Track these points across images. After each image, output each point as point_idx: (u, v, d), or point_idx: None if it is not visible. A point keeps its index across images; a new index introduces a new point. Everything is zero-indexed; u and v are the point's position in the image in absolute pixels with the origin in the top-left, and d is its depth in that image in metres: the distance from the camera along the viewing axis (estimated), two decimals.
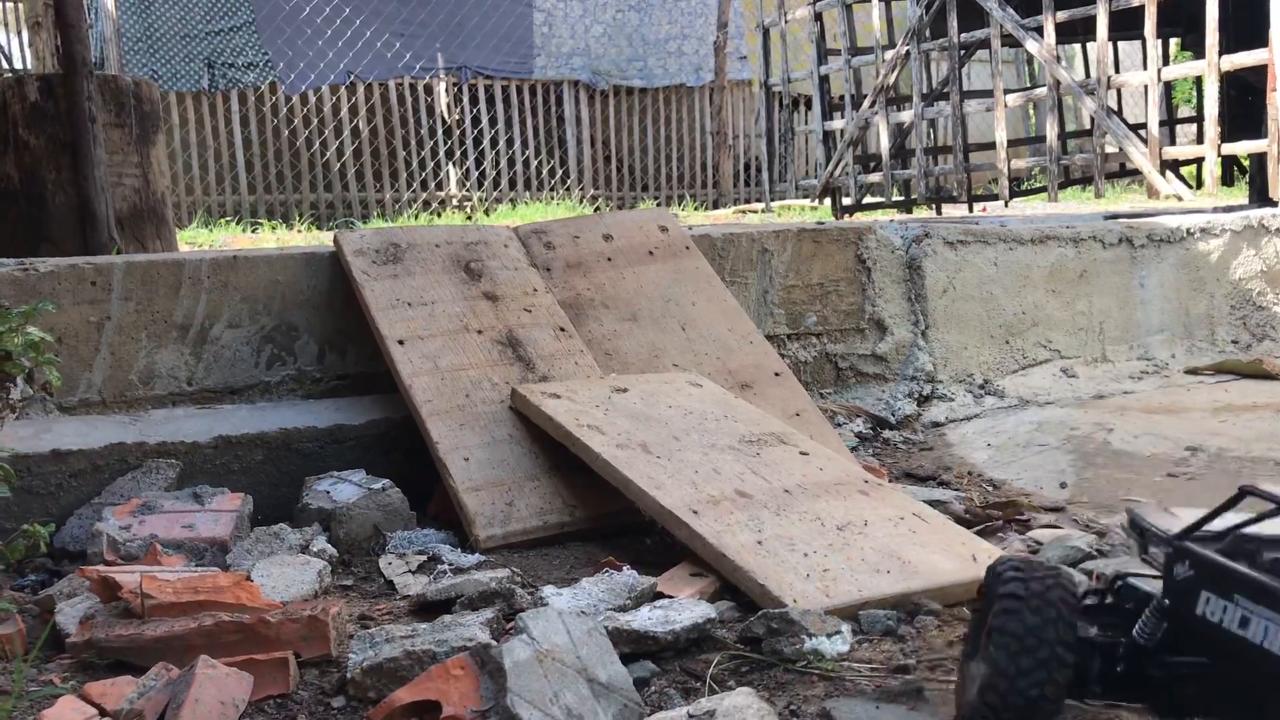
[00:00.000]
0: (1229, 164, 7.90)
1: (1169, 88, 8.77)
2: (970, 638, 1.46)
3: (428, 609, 2.04)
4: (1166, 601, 1.34)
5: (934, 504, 2.53)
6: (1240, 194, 7.52)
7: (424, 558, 2.35)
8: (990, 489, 2.89)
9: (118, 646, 1.80)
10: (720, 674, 1.72)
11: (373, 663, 1.65)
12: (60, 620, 1.94)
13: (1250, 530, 1.32)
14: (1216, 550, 1.30)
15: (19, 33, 12.81)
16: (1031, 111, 12.68)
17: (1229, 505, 1.33)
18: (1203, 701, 1.34)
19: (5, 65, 13.03)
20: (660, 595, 2.00)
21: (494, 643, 1.66)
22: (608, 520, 2.51)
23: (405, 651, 1.65)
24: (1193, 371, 3.89)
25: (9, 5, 13.21)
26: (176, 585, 1.91)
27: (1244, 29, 6.35)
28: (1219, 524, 1.33)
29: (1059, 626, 1.32)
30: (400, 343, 2.80)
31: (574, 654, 1.53)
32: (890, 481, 2.91)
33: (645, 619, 1.79)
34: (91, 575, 1.96)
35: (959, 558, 2.11)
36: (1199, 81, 5.67)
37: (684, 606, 1.84)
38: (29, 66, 12.33)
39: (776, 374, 3.10)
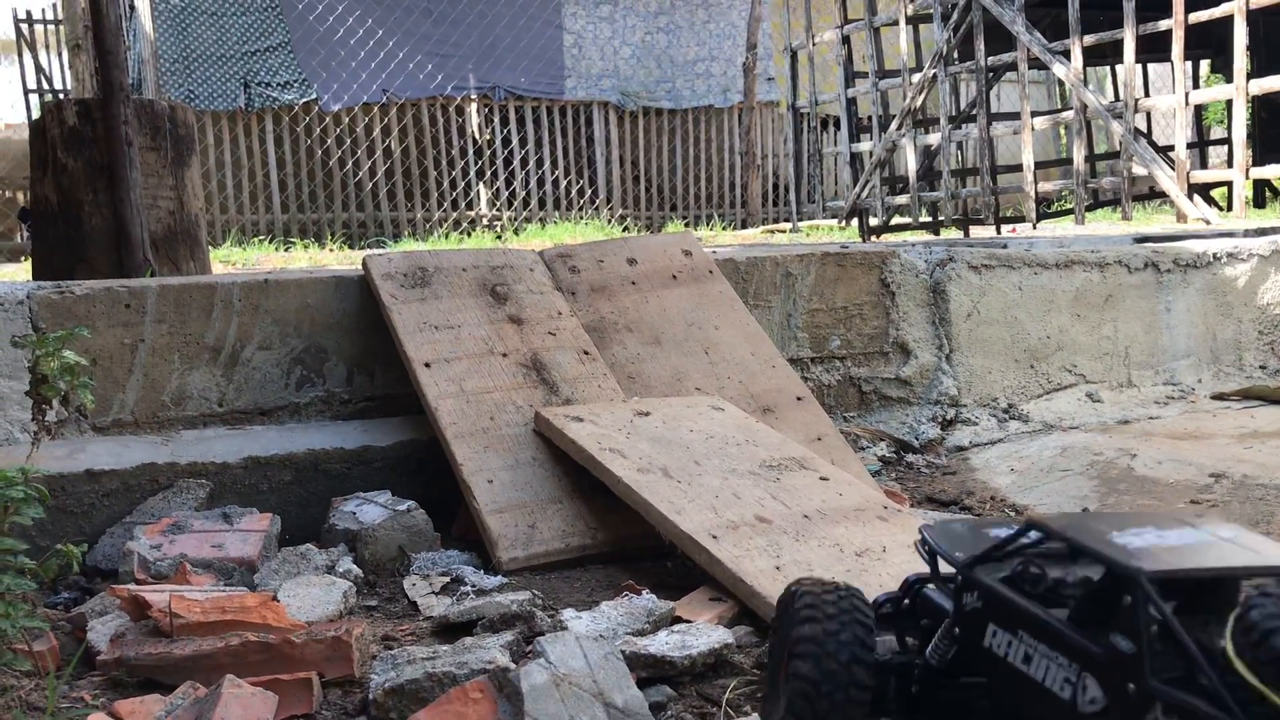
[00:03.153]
0: (1261, 186, 7.86)
1: (1200, 110, 8.74)
2: (771, 655, 1.43)
3: (450, 630, 2.07)
4: (956, 630, 1.31)
5: None
6: (1273, 215, 7.47)
7: (447, 579, 2.38)
8: (1012, 514, 2.89)
9: (147, 665, 1.84)
10: (736, 699, 1.74)
11: (394, 684, 1.68)
12: (92, 638, 1.98)
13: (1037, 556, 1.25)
14: (1003, 580, 1.24)
15: (59, 54, 13.06)
16: (1062, 132, 12.64)
17: (1017, 537, 1.27)
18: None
19: (46, 86, 13.27)
20: (679, 619, 2.02)
21: (513, 666, 1.68)
22: (629, 543, 2.53)
23: (426, 673, 1.68)
24: (1219, 397, 3.87)
25: (50, 27, 13.46)
26: (205, 605, 1.95)
27: (1275, 51, 6.33)
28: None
29: (854, 649, 1.30)
30: (426, 365, 2.84)
31: (591, 678, 1.56)
32: (912, 506, 2.92)
33: (662, 643, 1.81)
34: (122, 594, 2.01)
35: None
36: (1230, 103, 5.65)
37: (701, 631, 1.86)
38: (69, 87, 12.56)
39: (799, 398, 3.11)
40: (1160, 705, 1.02)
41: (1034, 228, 6.96)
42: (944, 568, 1.37)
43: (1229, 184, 5.75)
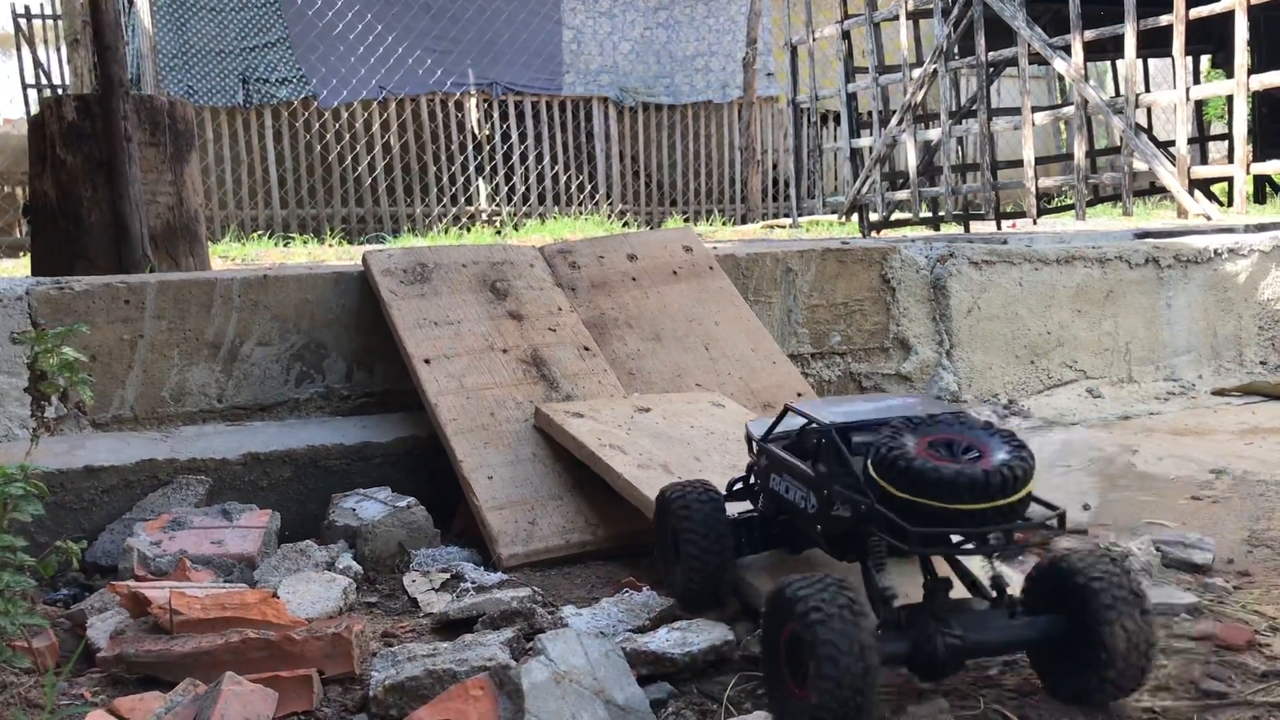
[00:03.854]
0: (1261, 182, 7.85)
1: (1200, 105, 8.72)
2: (660, 543, 2.14)
3: (450, 627, 2.07)
4: (758, 482, 2.05)
5: None
6: (1274, 211, 7.47)
7: (447, 575, 2.38)
8: None
9: (147, 661, 1.84)
10: (737, 696, 1.73)
11: (395, 681, 1.67)
12: (91, 635, 1.98)
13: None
14: (782, 447, 1.95)
15: (58, 49, 13.04)
16: (1062, 127, 12.63)
17: (780, 419, 2.00)
18: (801, 542, 2.06)
19: (45, 81, 13.25)
20: (679, 616, 2.02)
21: (513, 663, 1.68)
22: (630, 540, 2.52)
23: (426, 670, 1.67)
24: (1220, 393, 3.87)
25: (49, 22, 13.44)
26: (204, 601, 1.95)
27: (1275, 47, 6.32)
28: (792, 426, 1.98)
29: (714, 523, 2.02)
30: (426, 361, 2.83)
31: (591, 676, 1.55)
32: None
33: (662, 640, 1.81)
34: (122, 590, 2.00)
35: None
36: (1231, 99, 5.65)
37: (701, 628, 1.86)
38: (67, 82, 12.54)
39: (799, 394, 3.11)
40: (838, 500, 1.73)
41: (1034, 223, 6.96)
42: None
43: (1230, 179, 5.74)
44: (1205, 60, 8.94)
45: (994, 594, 1.74)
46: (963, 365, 3.71)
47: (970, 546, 1.63)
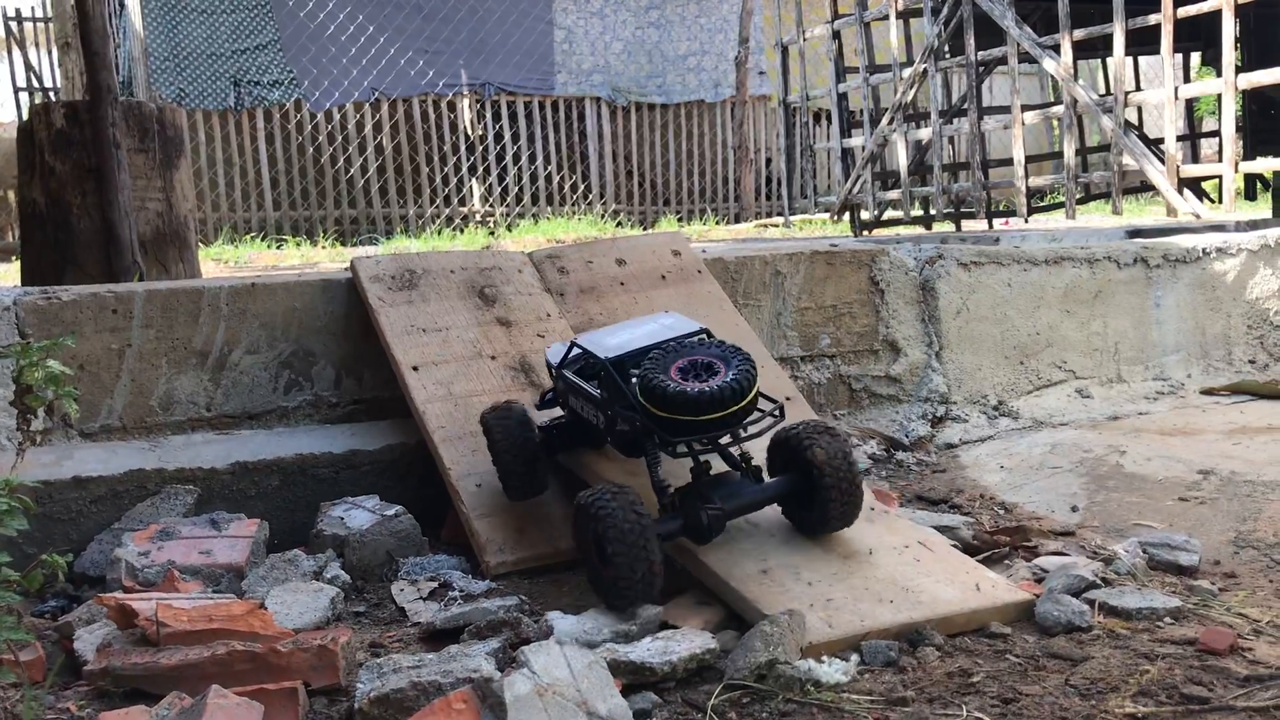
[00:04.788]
0: (1252, 179, 7.86)
1: (1191, 102, 8.73)
2: (493, 459, 2.51)
3: (437, 636, 2.07)
4: (561, 399, 2.48)
5: (943, 529, 2.55)
6: (1264, 207, 7.48)
7: (435, 584, 2.38)
8: (1002, 512, 2.90)
9: (133, 675, 1.84)
10: (721, 705, 1.74)
11: (380, 693, 1.68)
12: (78, 647, 1.98)
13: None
14: (574, 371, 2.38)
15: (49, 52, 13.02)
16: (1055, 124, 12.64)
17: (570, 349, 2.38)
18: (600, 441, 2.49)
19: (36, 84, 13.23)
20: (666, 624, 2.02)
21: (497, 675, 1.68)
22: None
23: (411, 683, 1.68)
24: (1209, 392, 3.88)
25: (40, 25, 13.42)
26: (191, 613, 1.95)
27: (1265, 45, 6.33)
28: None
29: (521, 434, 2.44)
30: (414, 369, 2.84)
31: (574, 687, 1.56)
32: (902, 505, 2.93)
33: (645, 650, 1.81)
34: (109, 602, 2.01)
35: (963, 587, 2.12)
36: (1220, 97, 5.65)
37: (685, 637, 1.86)
38: (58, 85, 12.52)
39: (788, 398, 3.11)
40: (619, 418, 2.17)
41: (1026, 221, 6.96)
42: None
43: (1219, 177, 5.75)
44: (1196, 57, 8.94)
45: (744, 466, 2.22)
46: (952, 367, 3.72)
47: (717, 445, 2.15)
